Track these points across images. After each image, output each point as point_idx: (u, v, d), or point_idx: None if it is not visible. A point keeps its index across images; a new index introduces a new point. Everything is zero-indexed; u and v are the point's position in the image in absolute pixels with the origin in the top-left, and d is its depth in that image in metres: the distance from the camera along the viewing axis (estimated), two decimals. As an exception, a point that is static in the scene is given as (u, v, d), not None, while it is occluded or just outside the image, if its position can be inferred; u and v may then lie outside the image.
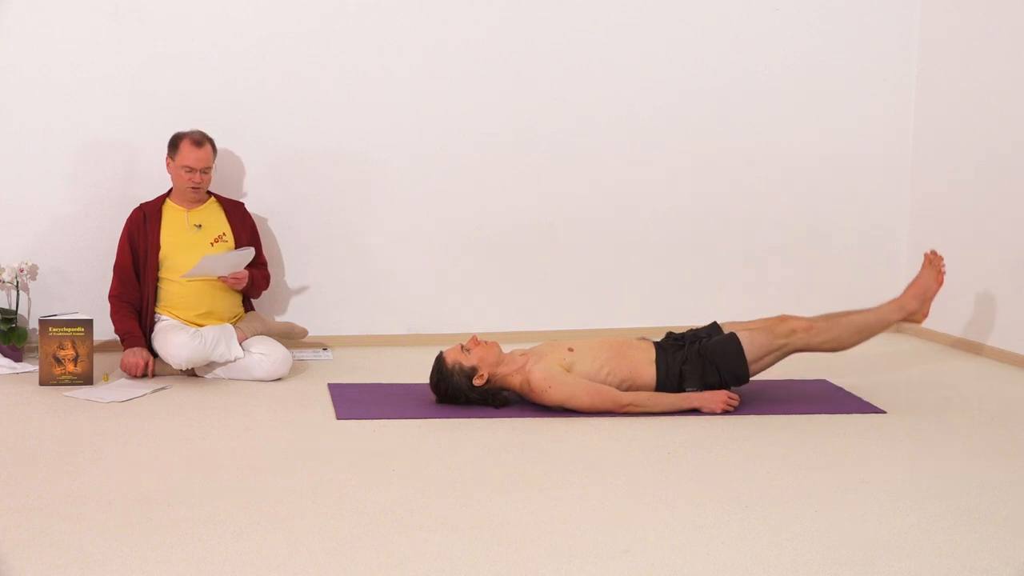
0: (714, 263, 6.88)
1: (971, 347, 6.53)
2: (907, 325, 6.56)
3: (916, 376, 6.04)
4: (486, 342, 5.22)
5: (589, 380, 5.13)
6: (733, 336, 5.21)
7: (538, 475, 4.36)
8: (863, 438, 4.89)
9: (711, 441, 4.80)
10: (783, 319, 5.30)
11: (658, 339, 5.36)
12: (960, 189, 6.69)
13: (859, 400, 5.46)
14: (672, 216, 6.80)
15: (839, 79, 6.89)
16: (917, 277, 5.48)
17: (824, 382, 5.79)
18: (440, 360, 5.20)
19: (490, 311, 6.40)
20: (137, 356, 5.66)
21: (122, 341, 5.77)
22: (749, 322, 5.33)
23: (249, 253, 5.82)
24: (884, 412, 5.28)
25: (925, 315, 5.46)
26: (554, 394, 5.08)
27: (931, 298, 5.45)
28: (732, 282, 6.89)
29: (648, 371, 5.19)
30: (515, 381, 5.17)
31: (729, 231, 6.88)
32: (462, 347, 5.19)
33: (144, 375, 5.66)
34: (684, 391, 5.20)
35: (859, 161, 6.99)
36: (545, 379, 5.08)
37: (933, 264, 5.47)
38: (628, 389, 5.18)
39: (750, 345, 5.21)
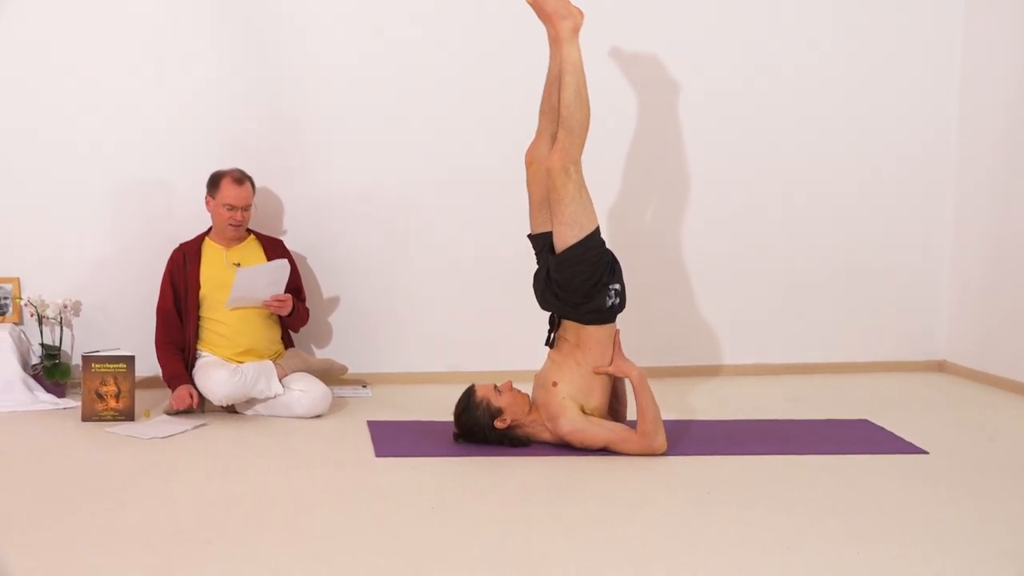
0: (752, 299, 6.85)
1: (1015, 387, 6.46)
2: (951, 364, 6.52)
3: (958, 416, 5.98)
4: (520, 391, 5.23)
5: (601, 414, 5.14)
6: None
7: (577, 514, 4.34)
8: (905, 479, 4.85)
9: (751, 481, 4.77)
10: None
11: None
12: (1003, 226, 6.64)
13: (901, 440, 5.42)
14: (712, 251, 6.79)
15: (880, 114, 6.87)
16: (537, 6, 5.17)
17: (865, 422, 5.74)
18: (470, 392, 5.21)
19: (530, 349, 6.37)
20: (184, 390, 5.69)
21: (169, 385, 5.80)
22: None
23: (284, 266, 5.83)
24: (926, 453, 5.23)
25: (580, 12, 5.16)
26: (591, 441, 5.08)
27: (568, 2, 5.16)
28: (770, 319, 6.86)
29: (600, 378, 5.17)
30: (543, 435, 5.18)
31: (768, 267, 6.84)
32: (495, 387, 5.19)
33: (190, 408, 5.69)
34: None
35: (900, 198, 6.96)
36: (578, 432, 5.06)
37: None
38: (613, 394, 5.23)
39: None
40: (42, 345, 6.06)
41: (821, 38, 6.77)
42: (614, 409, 5.29)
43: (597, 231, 5.11)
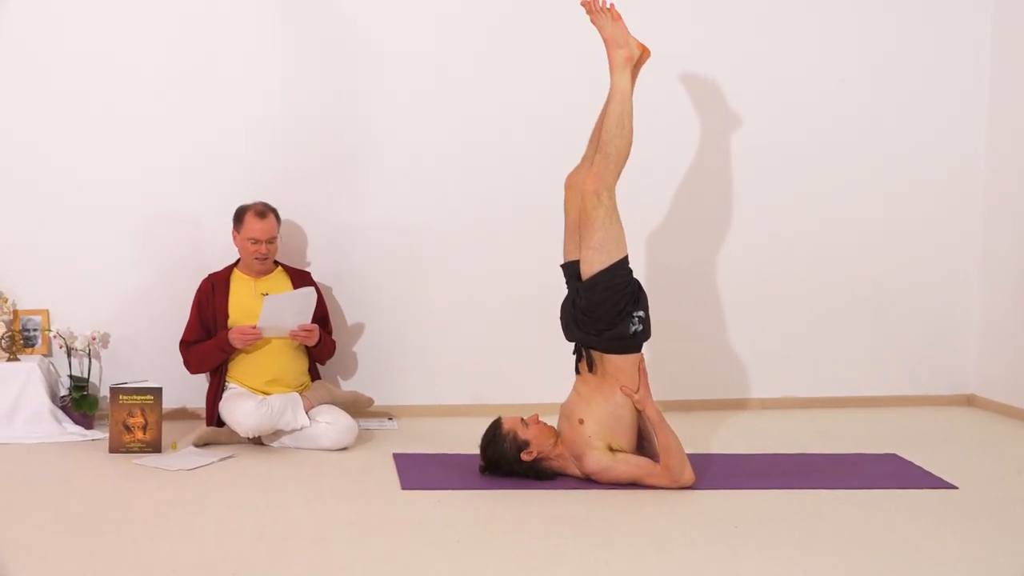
0: (779, 333, 6.83)
1: (1044, 421, 6.43)
2: (979, 398, 6.48)
3: (987, 450, 5.94)
4: (546, 424, 5.22)
5: (631, 451, 5.13)
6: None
7: (604, 549, 4.32)
8: (934, 514, 4.81)
9: (779, 515, 4.74)
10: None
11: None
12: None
13: (929, 475, 5.38)
14: (740, 283, 6.78)
15: (906, 143, 6.85)
16: (601, 32, 5.25)
17: (894, 457, 5.71)
18: (497, 424, 5.21)
19: (555, 382, 6.36)
20: (236, 330, 5.74)
21: (221, 348, 5.81)
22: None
23: (311, 293, 5.84)
24: (955, 487, 5.19)
25: (640, 45, 5.25)
26: (618, 478, 5.08)
27: (628, 34, 5.21)
28: (797, 352, 6.84)
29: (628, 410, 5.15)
30: (570, 469, 5.17)
31: (794, 300, 6.83)
32: (522, 419, 5.19)
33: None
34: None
35: (927, 229, 6.93)
36: (604, 471, 5.06)
37: (597, 12, 5.24)
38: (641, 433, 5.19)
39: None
40: (71, 377, 6.10)
41: (847, 65, 6.76)
42: (641, 447, 5.27)
43: (625, 260, 5.11)
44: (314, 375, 6.08)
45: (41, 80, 6.17)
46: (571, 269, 5.28)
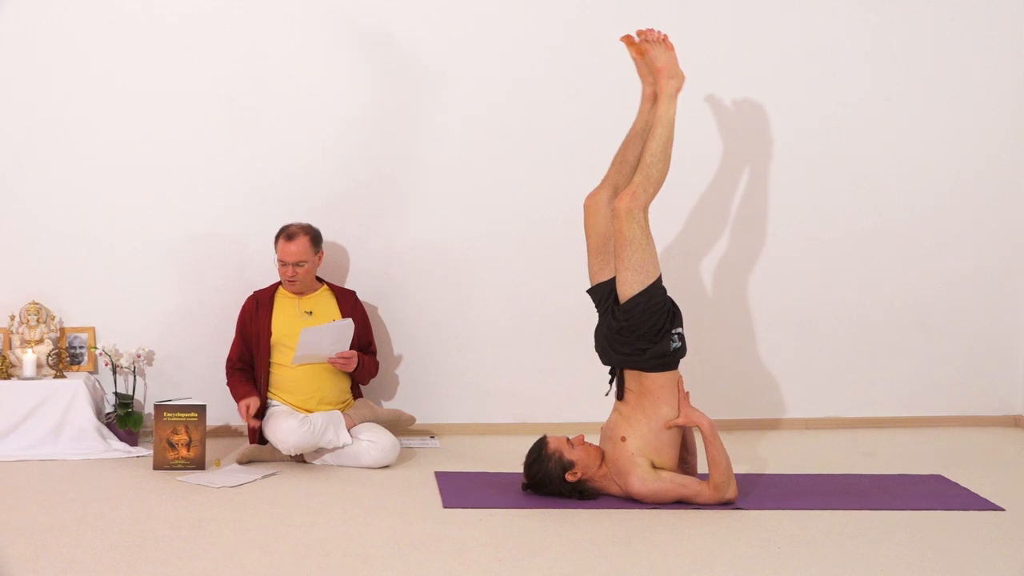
0: (823, 352, 6.79)
1: (1093, 443, 6.35)
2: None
3: (1035, 472, 5.88)
4: (592, 445, 5.21)
5: (672, 469, 5.13)
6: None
7: (645, 569, 4.31)
8: (980, 536, 4.76)
9: (822, 536, 4.71)
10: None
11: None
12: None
13: (975, 497, 5.33)
14: (782, 301, 6.76)
15: (952, 163, 6.78)
16: (652, 63, 5.31)
17: (939, 478, 5.66)
18: (542, 443, 5.20)
19: (597, 401, 6.35)
20: (241, 405, 5.80)
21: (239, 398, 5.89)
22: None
23: (348, 325, 5.87)
24: (1002, 509, 5.14)
25: (682, 76, 5.30)
26: (663, 499, 5.07)
27: (676, 63, 5.29)
28: (841, 372, 6.80)
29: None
30: (613, 489, 5.16)
31: (839, 318, 6.78)
32: (568, 439, 5.19)
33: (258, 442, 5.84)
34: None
35: (973, 248, 6.87)
36: (650, 493, 5.05)
37: (653, 41, 5.32)
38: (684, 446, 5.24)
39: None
40: (116, 394, 6.15)
41: (891, 80, 6.72)
42: (684, 460, 5.26)
43: (660, 279, 5.13)
44: (356, 393, 6.10)
45: (89, 102, 6.24)
46: (599, 292, 5.29)
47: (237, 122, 6.33)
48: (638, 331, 5.07)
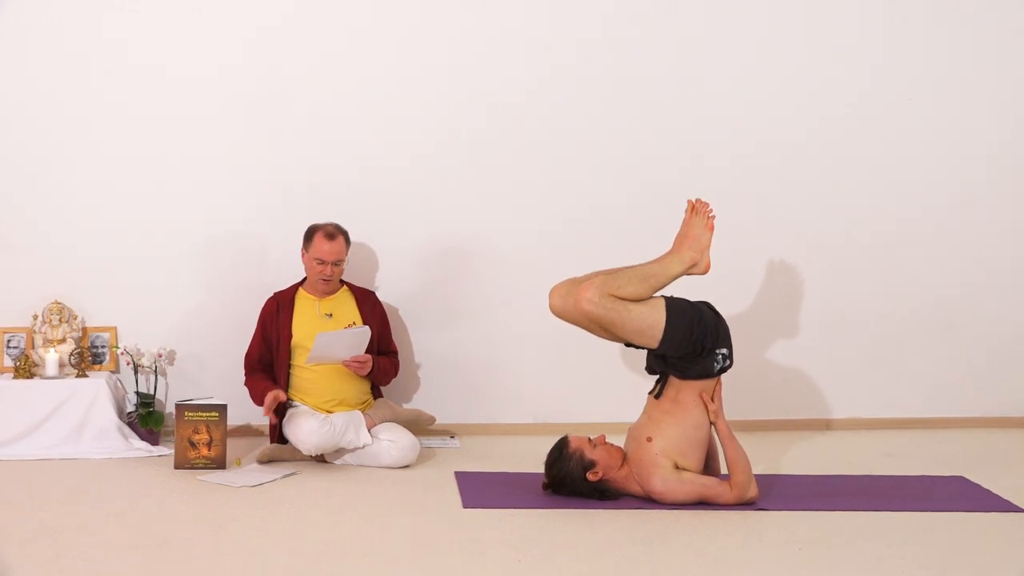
0: (846, 353, 6.76)
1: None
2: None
3: (1058, 474, 5.85)
4: (613, 445, 5.21)
5: (698, 472, 5.13)
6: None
7: (665, 569, 4.30)
8: (1001, 537, 4.74)
9: (842, 538, 4.69)
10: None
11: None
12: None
13: (998, 498, 5.30)
14: (806, 303, 6.74)
15: (973, 163, 6.76)
16: (685, 227, 5.26)
17: (961, 479, 5.63)
18: (564, 443, 5.20)
19: (618, 402, 6.35)
20: (270, 397, 5.77)
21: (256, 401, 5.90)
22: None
23: (364, 332, 5.87)
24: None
25: (708, 266, 5.25)
26: (684, 499, 5.06)
27: (706, 247, 5.23)
28: (864, 373, 6.77)
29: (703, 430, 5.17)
30: (634, 489, 5.16)
31: (861, 320, 6.76)
32: (589, 439, 5.18)
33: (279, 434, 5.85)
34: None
35: (994, 249, 6.83)
36: (669, 492, 5.05)
37: (699, 212, 5.27)
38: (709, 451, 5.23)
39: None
40: (137, 393, 6.17)
41: (913, 85, 6.69)
42: (708, 465, 5.25)
43: (670, 305, 5.09)
44: (376, 393, 6.10)
45: (114, 103, 6.26)
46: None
47: (261, 125, 6.34)
48: (679, 354, 5.08)
